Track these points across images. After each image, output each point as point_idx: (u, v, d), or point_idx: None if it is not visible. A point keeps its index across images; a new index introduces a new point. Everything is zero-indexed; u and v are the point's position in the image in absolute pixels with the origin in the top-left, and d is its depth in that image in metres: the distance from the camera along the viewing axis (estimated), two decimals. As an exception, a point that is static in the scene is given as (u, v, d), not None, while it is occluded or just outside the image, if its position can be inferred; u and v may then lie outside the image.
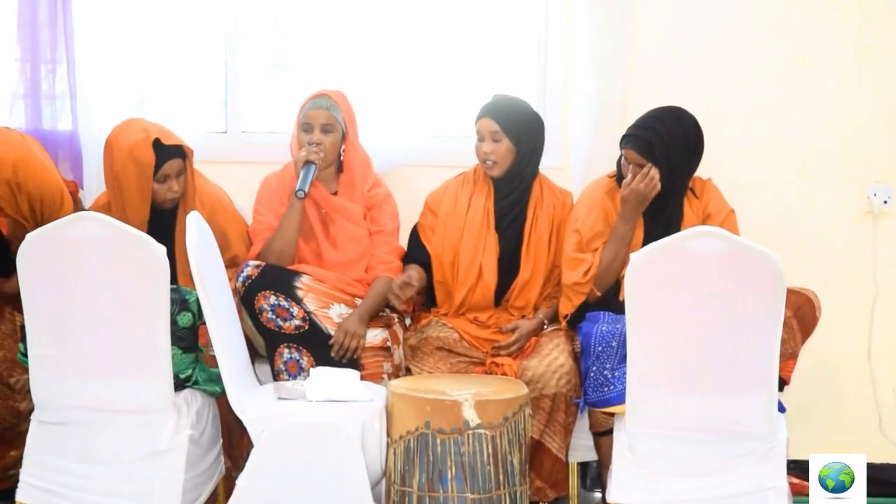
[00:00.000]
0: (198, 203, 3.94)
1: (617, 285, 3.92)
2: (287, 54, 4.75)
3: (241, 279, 3.82)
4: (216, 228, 3.72)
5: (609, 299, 3.91)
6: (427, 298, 4.18)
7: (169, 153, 3.87)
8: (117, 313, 3.39)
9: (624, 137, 3.98)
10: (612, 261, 3.89)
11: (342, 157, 4.11)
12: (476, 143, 4.06)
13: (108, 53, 4.39)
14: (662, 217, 3.95)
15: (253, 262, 3.88)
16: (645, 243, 3.89)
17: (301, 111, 4.07)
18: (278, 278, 3.85)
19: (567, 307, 3.97)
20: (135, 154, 3.81)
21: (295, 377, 3.79)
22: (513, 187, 4.08)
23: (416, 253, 4.13)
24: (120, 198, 3.87)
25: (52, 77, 4.37)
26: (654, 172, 3.85)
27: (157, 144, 3.84)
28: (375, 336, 3.90)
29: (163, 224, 3.92)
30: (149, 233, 3.49)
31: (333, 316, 3.88)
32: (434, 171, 4.38)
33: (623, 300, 3.82)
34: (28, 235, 3.40)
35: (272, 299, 3.80)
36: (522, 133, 4.03)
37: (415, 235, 4.18)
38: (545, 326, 4.01)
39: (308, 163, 3.95)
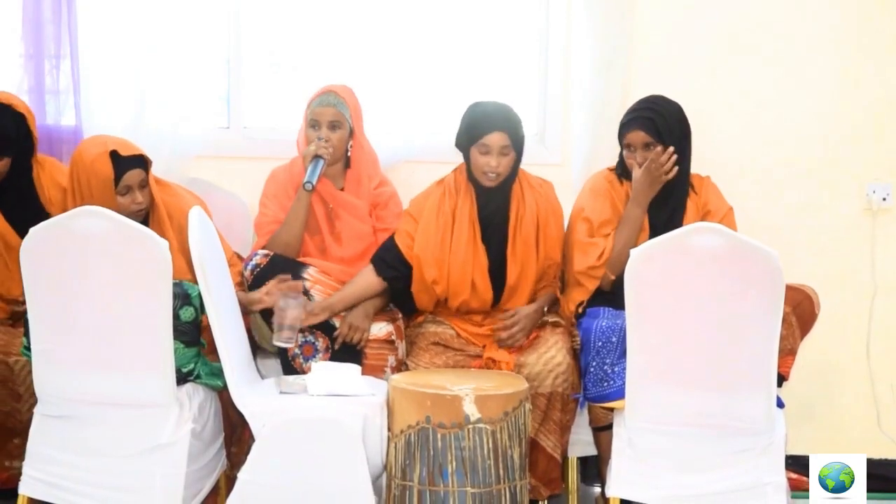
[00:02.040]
0: (165, 218, 3.85)
1: None
2: (289, 51, 4.76)
3: (249, 267, 3.85)
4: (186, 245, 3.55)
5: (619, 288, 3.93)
6: (404, 305, 4.10)
7: (128, 164, 3.76)
8: (120, 308, 3.39)
9: (623, 125, 3.99)
10: (625, 244, 3.86)
11: (349, 154, 4.12)
12: (477, 157, 3.92)
13: (112, 49, 4.40)
14: (666, 207, 3.97)
15: (262, 251, 3.90)
16: (652, 231, 3.94)
17: (309, 107, 4.07)
18: (286, 268, 3.86)
19: (582, 294, 3.96)
20: (95, 168, 3.74)
21: (311, 359, 3.82)
22: (494, 194, 4.00)
23: (392, 262, 3.99)
24: None
25: (56, 72, 4.39)
26: (669, 155, 3.87)
27: (114, 156, 3.75)
28: (380, 329, 3.92)
29: None
30: None
31: None
32: (435, 168, 4.36)
33: (611, 286, 3.87)
34: (31, 230, 3.41)
35: None
36: (522, 143, 3.96)
37: (393, 245, 4.02)
38: (545, 310, 4.02)
39: (317, 157, 3.97)
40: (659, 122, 3.92)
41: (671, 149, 3.89)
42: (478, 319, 4.06)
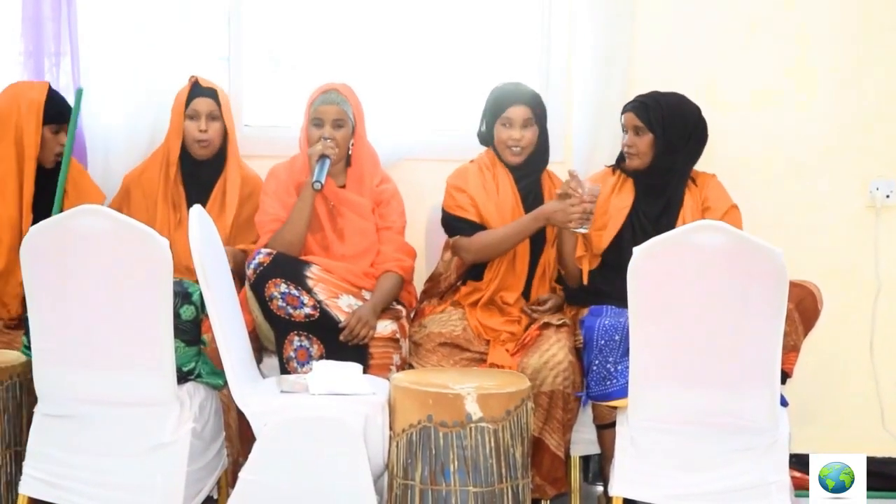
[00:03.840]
0: (239, 177, 4.19)
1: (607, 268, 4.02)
2: (289, 48, 4.75)
3: (252, 266, 3.82)
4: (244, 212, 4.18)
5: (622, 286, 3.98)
6: (473, 272, 4.19)
7: (200, 92, 4.15)
8: (120, 306, 3.39)
9: (623, 108, 4.07)
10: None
11: (350, 152, 4.11)
12: (501, 132, 4.08)
13: (112, 47, 4.40)
14: (662, 198, 3.98)
15: (265, 250, 3.87)
16: (637, 220, 4.00)
17: (311, 106, 4.06)
18: (289, 267, 3.85)
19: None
20: (179, 95, 4.17)
21: (305, 365, 3.80)
22: (528, 170, 4.14)
23: (470, 231, 4.10)
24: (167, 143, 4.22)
25: (56, 70, 4.39)
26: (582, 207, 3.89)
27: (194, 84, 4.15)
28: (385, 327, 3.90)
29: (199, 176, 4.19)
30: (183, 176, 4.16)
31: (343, 306, 3.88)
32: (435, 166, 4.39)
33: (586, 283, 3.96)
34: (31, 228, 3.41)
35: (283, 287, 3.80)
36: (544, 118, 4.13)
37: (454, 220, 4.13)
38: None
39: (323, 157, 3.96)
40: (653, 110, 3.97)
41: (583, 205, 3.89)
42: (510, 303, 4.11)
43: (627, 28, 4.48)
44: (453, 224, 4.14)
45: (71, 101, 4.17)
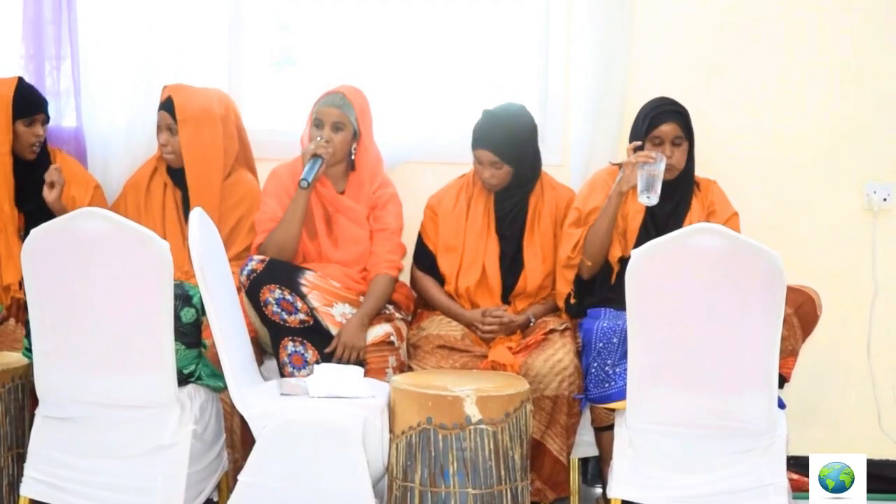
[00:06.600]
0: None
1: (609, 268, 3.98)
2: (290, 51, 4.76)
3: (245, 273, 3.82)
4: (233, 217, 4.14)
5: (602, 281, 4.00)
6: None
7: (161, 105, 4.13)
8: (121, 309, 3.40)
9: (654, 118, 3.98)
10: (597, 229, 3.96)
11: (353, 157, 4.12)
12: (476, 165, 4.06)
13: (113, 50, 4.40)
14: (669, 202, 3.97)
15: (257, 257, 3.88)
16: (644, 221, 3.98)
17: (315, 106, 4.06)
18: (283, 273, 3.84)
19: (564, 286, 4.02)
20: None
21: (300, 369, 3.81)
22: (511, 193, 4.10)
23: (425, 260, 4.16)
24: None
25: (56, 74, 4.39)
26: (661, 158, 3.88)
27: (167, 97, 4.12)
28: (377, 331, 3.90)
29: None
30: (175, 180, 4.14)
31: (336, 315, 3.87)
32: (436, 169, 4.39)
33: (614, 283, 3.88)
34: (33, 231, 3.42)
35: (277, 293, 3.80)
36: (521, 156, 4.03)
37: (420, 241, 4.20)
38: (532, 322, 4.04)
39: (315, 156, 3.96)
40: (688, 120, 3.99)
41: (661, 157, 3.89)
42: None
43: (626, 31, 4.48)
44: (417, 245, 4.21)
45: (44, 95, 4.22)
